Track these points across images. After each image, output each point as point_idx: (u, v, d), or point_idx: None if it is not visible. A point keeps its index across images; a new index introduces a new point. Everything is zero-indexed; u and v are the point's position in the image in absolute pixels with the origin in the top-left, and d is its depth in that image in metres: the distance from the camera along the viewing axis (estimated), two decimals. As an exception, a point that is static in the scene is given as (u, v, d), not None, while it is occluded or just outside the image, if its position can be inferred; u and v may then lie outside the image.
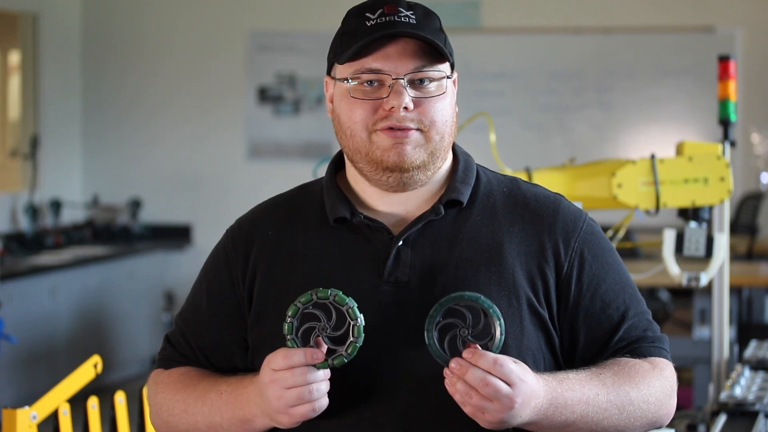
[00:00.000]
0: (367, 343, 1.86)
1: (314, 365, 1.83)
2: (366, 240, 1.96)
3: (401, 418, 1.90)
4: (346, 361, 1.85)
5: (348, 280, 1.93)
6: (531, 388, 1.81)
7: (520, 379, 1.80)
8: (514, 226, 1.97)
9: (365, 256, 1.95)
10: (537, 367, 1.92)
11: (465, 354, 1.80)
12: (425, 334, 1.83)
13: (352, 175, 2.01)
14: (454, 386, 1.80)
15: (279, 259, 1.99)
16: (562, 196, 2.05)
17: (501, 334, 1.82)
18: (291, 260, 1.98)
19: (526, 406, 1.81)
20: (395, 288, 1.93)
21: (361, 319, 1.85)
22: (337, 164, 2.05)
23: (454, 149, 2.03)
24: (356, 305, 1.85)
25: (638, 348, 1.97)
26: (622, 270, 2.02)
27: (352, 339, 1.84)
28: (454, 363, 1.80)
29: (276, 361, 1.84)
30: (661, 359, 1.98)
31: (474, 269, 1.93)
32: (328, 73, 1.99)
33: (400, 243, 1.94)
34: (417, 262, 1.94)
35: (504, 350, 1.84)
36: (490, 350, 1.81)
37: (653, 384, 1.94)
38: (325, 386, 1.85)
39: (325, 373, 1.85)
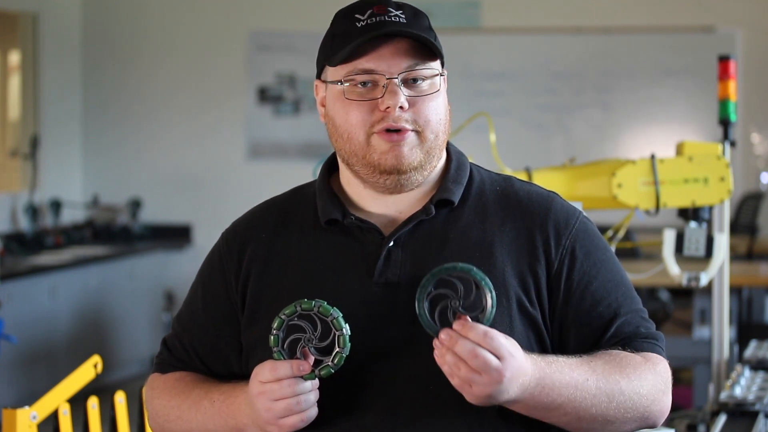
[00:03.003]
0: (356, 344, 1.85)
1: (301, 376, 1.84)
2: (357, 241, 1.96)
3: (391, 418, 1.89)
4: (333, 371, 1.85)
5: (339, 282, 1.93)
6: (520, 364, 1.79)
7: (509, 353, 1.78)
8: (506, 225, 1.96)
9: (356, 257, 1.95)
10: None
11: (455, 325, 1.79)
12: (416, 305, 1.81)
13: (345, 177, 2.01)
14: (442, 357, 1.79)
15: (272, 262, 1.99)
16: (556, 194, 2.03)
17: (492, 307, 1.81)
18: (283, 263, 1.98)
19: (514, 382, 1.79)
20: (385, 289, 1.92)
21: (346, 329, 1.84)
22: (331, 166, 2.05)
23: (448, 148, 2.02)
24: (341, 315, 1.85)
25: (631, 343, 1.95)
26: (615, 268, 2.00)
27: (338, 349, 1.84)
28: (443, 334, 1.79)
29: (263, 373, 1.85)
30: (655, 354, 1.96)
31: None
32: (318, 76, 1.99)
33: (391, 243, 1.94)
34: (407, 263, 1.93)
35: None
36: (481, 322, 1.80)
37: (645, 377, 1.92)
38: (313, 396, 1.85)
39: (312, 384, 1.85)
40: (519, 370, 1.79)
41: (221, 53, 8.35)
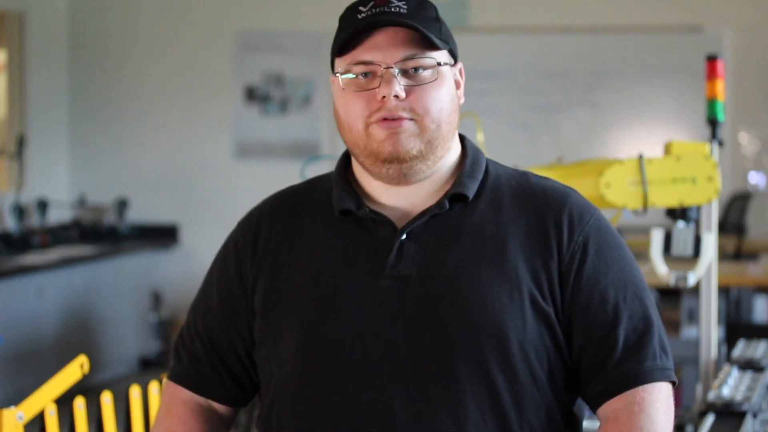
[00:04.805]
0: (366, 337, 1.86)
1: None
2: (370, 233, 1.96)
3: (399, 411, 1.88)
4: None
5: (350, 273, 1.93)
6: None
7: None
8: (520, 219, 1.95)
9: (368, 249, 1.94)
10: (540, 362, 1.90)
11: None
12: None
13: (357, 168, 2.01)
14: None
15: (284, 252, 1.99)
16: (573, 190, 2.02)
17: None
18: (296, 253, 1.99)
19: None
20: (396, 282, 1.91)
21: None
22: (348, 157, 2.05)
23: (464, 144, 2.03)
24: None
25: (635, 378, 1.91)
26: (627, 268, 1.96)
27: None
28: None
29: None
30: (657, 384, 1.92)
31: (476, 263, 1.91)
32: (333, 71, 1.99)
33: (404, 237, 1.93)
34: (419, 256, 1.92)
35: (506, 345, 1.83)
36: None
37: None
38: None
39: None
40: None
41: (209, 53, 8.34)
